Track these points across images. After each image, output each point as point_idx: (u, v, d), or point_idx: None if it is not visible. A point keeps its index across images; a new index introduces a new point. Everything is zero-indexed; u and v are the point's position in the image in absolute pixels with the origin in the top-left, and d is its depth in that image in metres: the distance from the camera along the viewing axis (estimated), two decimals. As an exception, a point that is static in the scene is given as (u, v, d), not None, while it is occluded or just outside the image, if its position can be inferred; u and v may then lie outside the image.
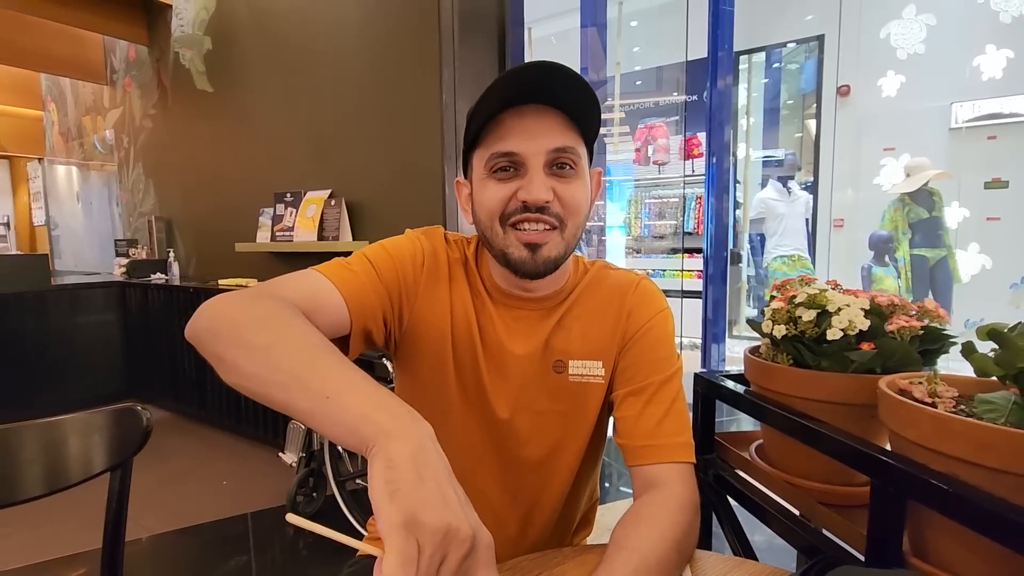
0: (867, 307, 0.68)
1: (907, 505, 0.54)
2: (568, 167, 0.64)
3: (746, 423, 2.75)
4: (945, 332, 0.69)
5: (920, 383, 0.58)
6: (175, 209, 3.64)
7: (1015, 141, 4.19)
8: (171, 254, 3.47)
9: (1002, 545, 0.44)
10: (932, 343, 0.69)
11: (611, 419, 0.73)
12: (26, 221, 6.11)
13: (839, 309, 0.68)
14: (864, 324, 0.66)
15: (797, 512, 0.76)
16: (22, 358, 3.01)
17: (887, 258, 4.18)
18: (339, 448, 2.00)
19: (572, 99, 0.62)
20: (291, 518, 0.37)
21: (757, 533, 0.87)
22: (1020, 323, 0.54)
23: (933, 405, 0.55)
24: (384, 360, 1.90)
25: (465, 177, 0.70)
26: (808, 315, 0.69)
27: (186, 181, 3.51)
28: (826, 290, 0.72)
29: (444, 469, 0.38)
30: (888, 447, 0.60)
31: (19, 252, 5.68)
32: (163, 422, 3.06)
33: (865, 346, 0.67)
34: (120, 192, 4.19)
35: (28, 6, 3.15)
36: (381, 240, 0.72)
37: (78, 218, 5.10)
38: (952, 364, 0.69)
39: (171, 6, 3.36)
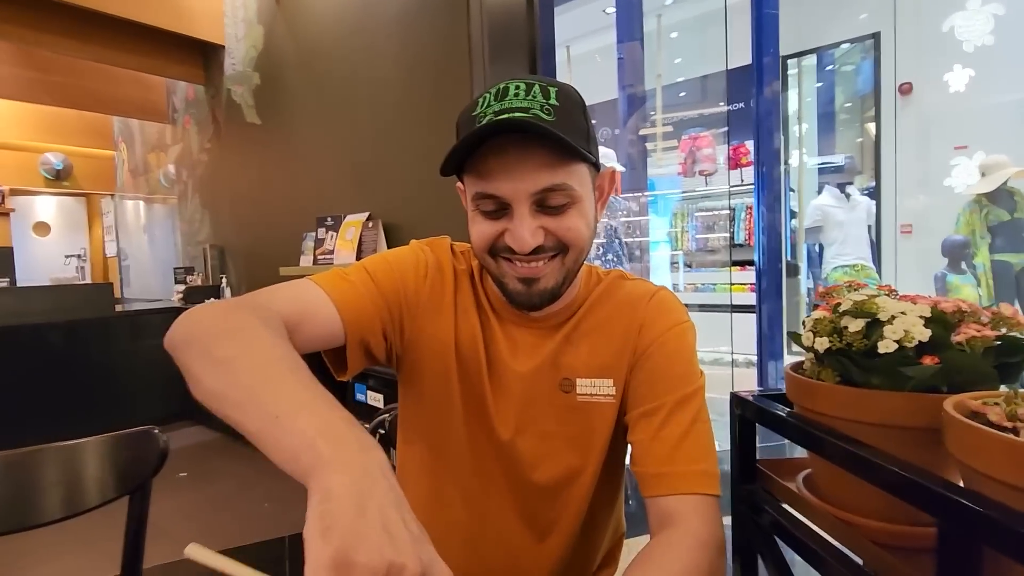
0: (927, 315, 0.58)
1: (982, 554, 0.44)
2: (560, 205, 0.57)
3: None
4: (1027, 342, 0.58)
5: (996, 404, 0.48)
6: (227, 237, 3.81)
7: (1105, 132, 3.80)
8: (223, 280, 3.63)
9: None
10: (1011, 356, 0.58)
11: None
12: (100, 253, 6.59)
13: (892, 317, 0.58)
14: (923, 334, 0.56)
15: (859, 560, 0.65)
16: (87, 380, 3.19)
17: (964, 265, 3.85)
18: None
19: (554, 138, 0.54)
20: (191, 550, 0.33)
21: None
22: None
23: (1014, 431, 0.45)
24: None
25: (462, 183, 0.66)
26: (855, 325, 0.60)
27: (237, 209, 3.67)
28: (876, 295, 0.63)
29: (393, 500, 0.33)
30: (955, 479, 0.50)
31: (90, 282, 6.12)
32: (213, 444, 3.15)
33: (927, 360, 0.57)
34: (180, 223, 4.45)
35: (98, 54, 3.42)
36: (384, 252, 0.68)
37: (144, 249, 5.44)
38: None
39: (224, 47, 3.57)
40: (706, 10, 5.47)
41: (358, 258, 2.59)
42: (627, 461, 0.68)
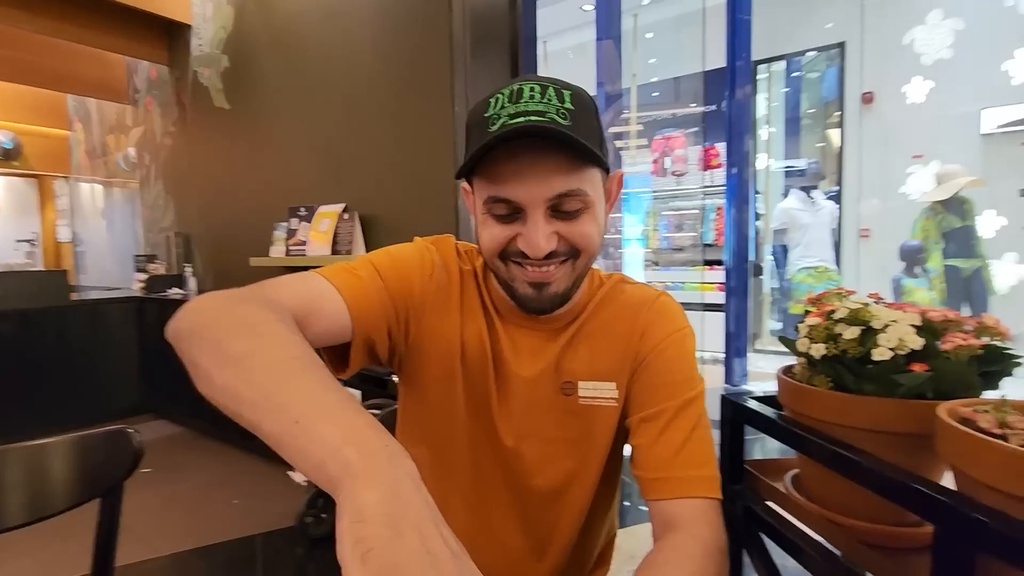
0: (918, 323, 0.61)
1: (976, 558, 0.46)
2: (574, 210, 0.56)
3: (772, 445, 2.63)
4: (1008, 352, 0.61)
5: (986, 411, 0.51)
6: (193, 224, 3.68)
7: (1051, 147, 4.03)
8: (188, 269, 3.50)
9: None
10: (992, 364, 0.61)
11: (627, 448, 0.66)
12: (52, 238, 6.25)
13: (886, 326, 0.60)
14: (917, 343, 0.58)
15: (839, 552, 0.68)
16: (41, 372, 3.03)
17: (918, 269, 4.03)
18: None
19: (573, 144, 0.53)
20: None
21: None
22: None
23: (1003, 438, 0.48)
24: (395, 378, 1.85)
25: (470, 184, 0.64)
26: (851, 332, 0.62)
27: (203, 197, 3.54)
28: (869, 304, 0.65)
29: (429, 516, 0.31)
30: (944, 483, 0.52)
31: (43, 268, 5.81)
32: (178, 438, 3.05)
33: (916, 367, 0.59)
34: (141, 208, 4.26)
35: (54, 30, 3.23)
36: (387, 247, 0.66)
37: (102, 235, 5.20)
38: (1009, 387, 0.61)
39: (191, 26, 3.42)
40: (681, 12, 5.56)
41: (333, 251, 2.54)
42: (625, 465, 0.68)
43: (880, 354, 0.59)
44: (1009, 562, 0.43)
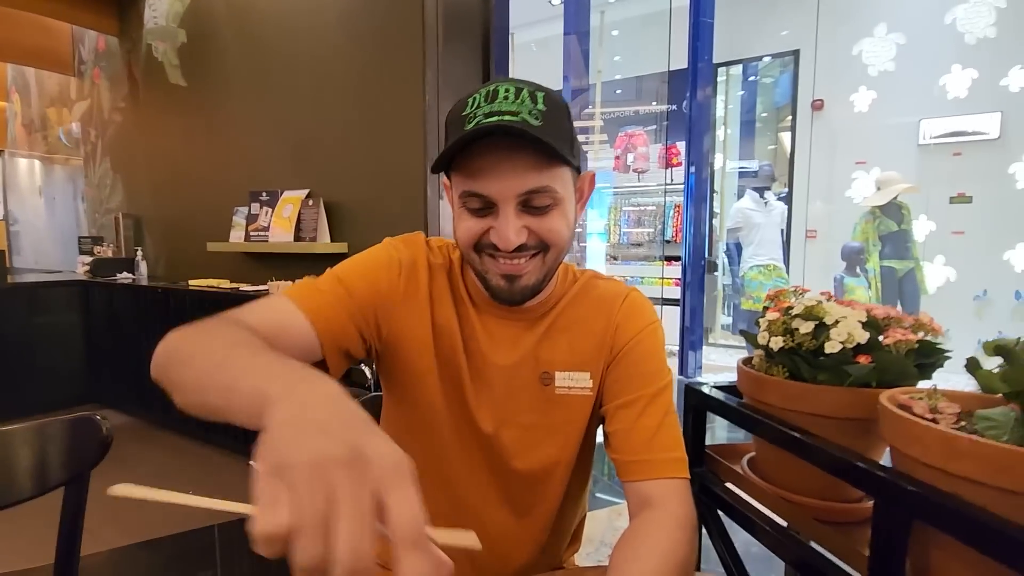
0: (864, 319, 0.67)
1: (911, 525, 0.52)
2: (544, 206, 0.60)
3: (727, 435, 2.77)
4: (940, 346, 0.68)
5: (921, 399, 0.57)
6: (144, 206, 3.52)
7: (979, 158, 4.35)
8: (139, 252, 3.35)
9: (1014, 569, 0.43)
10: (926, 357, 0.68)
11: (600, 432, 0.71)
12: (-18, 216, 5.84)
13: (837, 321, 0.66)
14: (863, 337, 0.65)
15: (787, 524, 0.74)
16: (-26, 360, 2.86)
17: (858, 269, 4.28)
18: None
19: (541, 143, 0.57)
20: (118, 489, 0.30)
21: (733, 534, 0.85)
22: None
23: (934, 421, 0.54)
24: (363, 366, 1.85)
25: (448, 179, 0.66)
26: (806, 327, 0.68)
27: (156, 177, 3.39)
28: (822, 301, 0.71)
29: (344, 413, 0.31)
30: (884, 462, 0.59)
31: (-26, 248, 5.42)
32: (126, 428, 2.93)
33: (862, 359, 0.66)
34: (86, 187, 4.04)
35: (-9, -9, 3.02)
36: (356, 254, 0.69)
37: (40, 213, 4.89)
38: (939, 377, 0.68)
39: (144, -3, 3.26)
40: (646, 12, 5.66)
41: (296, 238, 2.49)
42: (598, 449, 0.73)
43: (831, 347, 0.65)
44: (940, 529, 0.49)
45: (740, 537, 0.84)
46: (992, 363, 0.53)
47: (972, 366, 0.53)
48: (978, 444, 0.46)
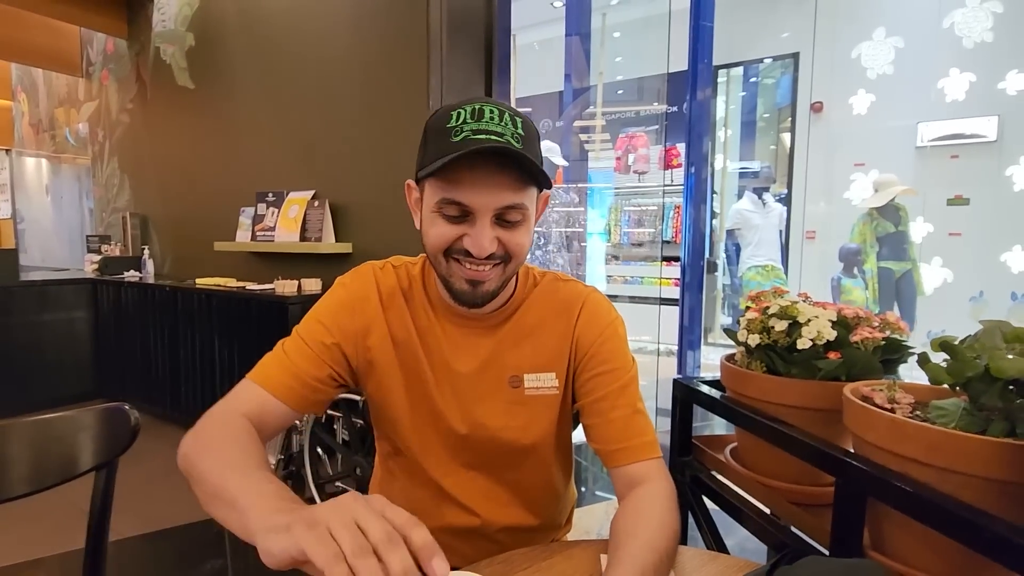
0: (834, 319, 0.73)
1: (867, 502, 0.58)
2: (515, 221, 0.66)
3: (720, 428, 2.83)
4: (904, 343, 0.74)
5: (881, 390, 0.63)
6: (151, 205, 3.58)
7: (976, 161, 4.39)
8: (146, 251, 3.41)
9: (950, 539, 0.49)
10: (893, 353, 0.74)
11: (579, 426, 0.77)
12: (-10, 214, 5.91)
13: (808, 320, 0.72)
14: (831, 335, 0.70)
15: (768, 511, 0.80)
16: (-12, 356, 2.92)
17: (856, 270, 4.33)
18: (319, 450, 2.00)
19: (522, 166, 0.63)
20: None
21: (729, 536, 0.91)
22: (969, 336, 0.59)
23: (892, 411, 0.60)
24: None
25: (416, 183, 0.71)
26: (780, 325, 0.74)
27: (163, 177, 3.45)
28: (797, 302, 0.77)
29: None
30: (851, 449, 0.65)
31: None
32: (135, 423, 2.99)
33: (832, 355, 0.72)
34: (93, 187, 4.10)
35: (3, -5, 3.07)
36: (314, 306, 0.75)
37: (47, 212, 4.96)
38: (915, 373, 0.74)
39: (152, 0, 3.32)
40: (647, 14, 5.70)
41: (301, 238, 2.55)
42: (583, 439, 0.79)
43: (803, 344, 0.71)
44: (891, 505, 0.55)
45: (736, 535, 0.90)
46: (940, 358, 0.59)
47: (923, 360, 0.59)
48: (919, 428, 0.52)
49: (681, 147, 5.21)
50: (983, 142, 4.33)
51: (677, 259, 4.90)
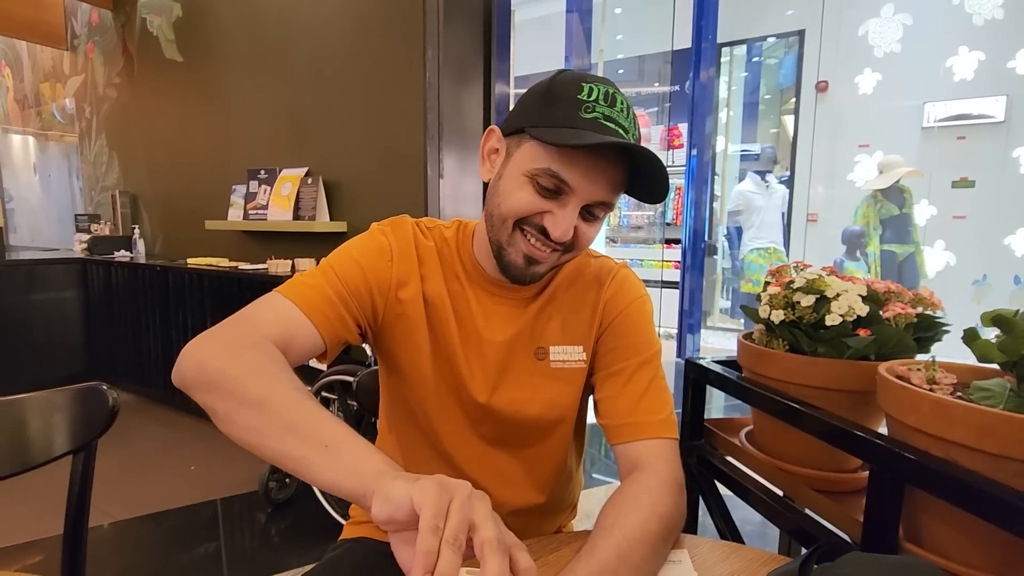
0: (864, 293, 0.68)
1: (904, 491, 0.53)
2: (597, 216, 0.63)
3: (716, 412, 2.80)
4: (939, 320, 0.69)
5: (919, 370, 0.58)
6: (141, 184, 3.49)
7: (983, 142, 4.32)
8: (136, 230, 3.33)
9: (1005, 530, 0.44)
10: (926, 330, 0.69)
11: (591, 402, 0.73)
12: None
13: (838, 295, 0.67)
14: (863, 310, 0.65)
15: (781, 493, 0.76)
16: (-25, 336, 2.86)
17: (858, 253, 4.28)
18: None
19: (650, 178, 0.61)
20: None
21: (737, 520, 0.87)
22: (1019, 310, 0.54)
23: (931, 391, 0.55)
24: (364, 344, 1.86)
25: (504, 135, 0.65)
26: (807, 300, 0.68)
27: (153, 154, 3.36)
28: (823, 275, 0.71)
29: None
30: (882, 432, 0.60)
31: (-29, 225, 5.38)
32: (127, 405, 2.95)
33: (862, 332, 0.66)
34: (81, 164, 4.00)
35: (-19, -39, 2.95)
36: (347, 243, 0.69)
37: (35, 191, 4.85)
38: (938, 351, 0.69)
39: (138, -31, 3.19)
40: (650, -10, 5.56)
41: (295, 216, 2.48)
42: (592, 420, 0.74)
43: (832, 320, 0.66)
44: (931, 492, 0.50)
45: (736, 515, 0.85)
46: (990, 334, 0.53)
47: (970, 337, 0.54)
48: (973, 410, 0.47)
49: (683, 127, 5.12)
50: (991, 123, 4.26)
51: (677, 241, 4.85)
